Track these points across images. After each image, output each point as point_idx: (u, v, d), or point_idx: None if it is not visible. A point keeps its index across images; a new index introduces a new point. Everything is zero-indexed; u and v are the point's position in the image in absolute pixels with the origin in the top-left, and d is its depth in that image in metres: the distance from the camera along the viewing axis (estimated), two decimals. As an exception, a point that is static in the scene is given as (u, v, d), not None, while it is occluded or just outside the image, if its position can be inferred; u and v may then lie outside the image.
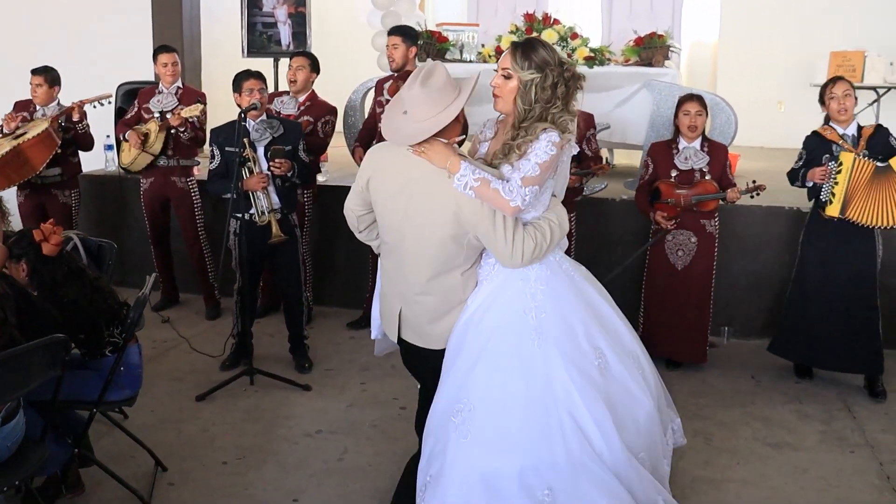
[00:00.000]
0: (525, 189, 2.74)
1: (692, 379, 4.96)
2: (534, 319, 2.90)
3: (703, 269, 4.99)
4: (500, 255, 2.85)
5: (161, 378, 4.96)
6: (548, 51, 2.82)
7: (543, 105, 2.79)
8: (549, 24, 6.30)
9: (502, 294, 2.95)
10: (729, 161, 4.98)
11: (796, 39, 9.00)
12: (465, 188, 2.75)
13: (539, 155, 2.77)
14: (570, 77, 2.82)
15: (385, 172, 2.95)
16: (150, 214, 6.09)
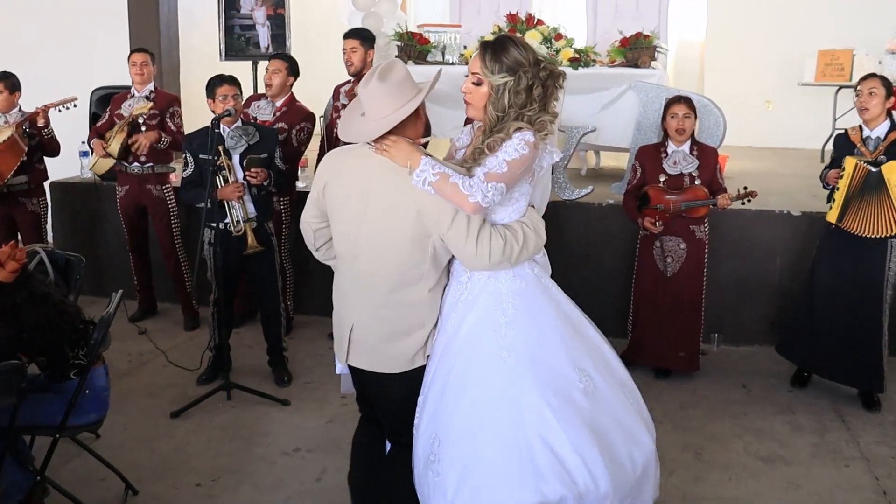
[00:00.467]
0: (487, 185, 2.51)
1: (682, 389, 4.84)
2: (503, 337, 2.65)
3: (692, 275, 4.87)
4: (463, 254, 2.62)
5: (136, 394, 4.81)
6: (520, 49, 2.59)
7: (518, 110, 2.58)
8: (532, 24, 6.17)
9: (471, 312, 2.72)
10: (720, 164, 4.85)
11: (784, 38, 8.91)
12: (424, 184, 2.54)
13: (508, 152, 2.55)
14: (548, 76, 2.60)
15: (342, 177, 2.74)
16: (127, 223, 5.95)
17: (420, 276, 2.70)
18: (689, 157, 4.78)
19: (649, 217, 4.79)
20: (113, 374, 5.04)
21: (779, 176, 7.16)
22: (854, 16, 8.60)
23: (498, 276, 2.70)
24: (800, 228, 5.35)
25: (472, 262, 2.64)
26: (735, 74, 9.02)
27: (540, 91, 2.58)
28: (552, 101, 2.64)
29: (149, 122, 5.63)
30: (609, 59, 6.29)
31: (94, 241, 6.60)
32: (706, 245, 4.89)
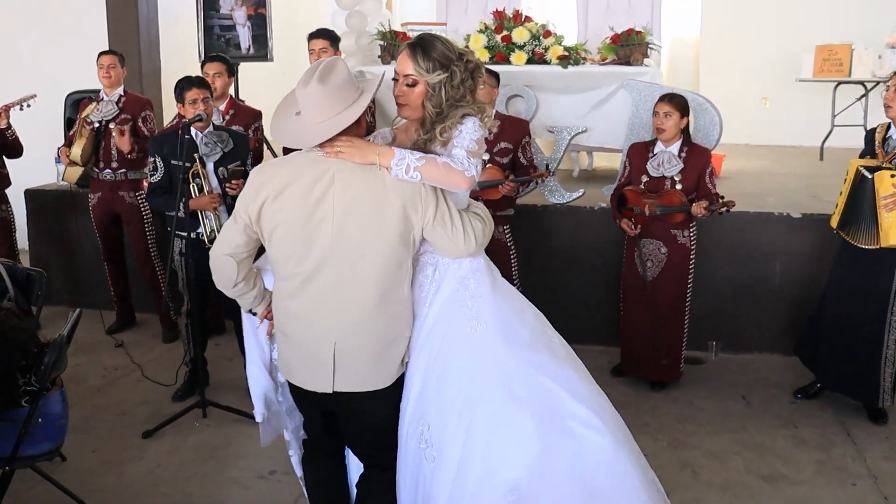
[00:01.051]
0: (473, 159, 2.52)
1: (678, 401, 4.63)
2: (471, 309, 2.63)
3: (674, 281, 4.67)
4: (451, 244, 2.57)
5: (107, 412, 4.60)
6: (446, 45, 2.58)
7: (454, 103, 2.57)
8: (520, 21, 5.96)
9: (437, 297, 2.67)
10: (711, 168, 4.64)
11: (781, 33, 8.73)
12: (408, 172, 2.44)
13: (471, 133, 2.56)
14: (474, 68, 2.62)
15: (289, 190, 2.49)
16: (101, 231, 5.75)
17: (404, 275, 2.58)
18: (675, 159, 4.56)
19: (626, 219, 4.62)
20: (85, 391, 4.91)
21: (776, 175, 6.96)
22: (853, 9, 8.42)
23: (460, 262, 2.67)
24: (800, 231, 5.15)
25: (460, 249, 2.58)
26: (730, 71, 8.86)
27: (471, 83, 2.60)
28: (477, 92, 2.66)
29: (120, 128, 5.43)
30: (600, 57, 6.09)
31: (70, 249, 6.39)
32: (691, 251, 4.67)
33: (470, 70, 2.59)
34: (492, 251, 4.77)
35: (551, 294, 5.25)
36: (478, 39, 6.02)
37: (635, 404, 4.59)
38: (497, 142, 4.68)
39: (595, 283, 5.37)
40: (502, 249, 4.79)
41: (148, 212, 5.61)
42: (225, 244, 2.65)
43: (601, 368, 5.08)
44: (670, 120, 4.53)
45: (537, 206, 5.41)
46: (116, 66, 5.48)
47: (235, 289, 2.71)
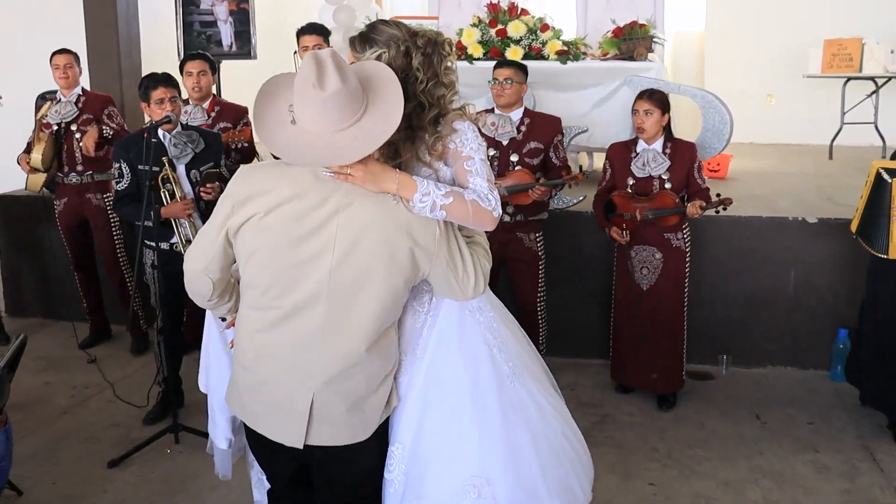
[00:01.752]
0: (496, 192, 2.18)
1: (688, 423, 4.30)
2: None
3: (671, 288, 4.38)
4: (459, 289, 2.19)
5: (73, 437, 4.28)
6: (392, 27, 2.19)
7: (404, 86, 2.10)
8: (516, 15, 5.63)
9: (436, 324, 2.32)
10: (699, 162, 4.35)
11: (787, 27, 8.43)
12: (433, 210, 2.07)
13: (478, 150, 2.20)
14: (427, 44, 2.16)
15: (283, 209, 2.08)
16: (69, 238, 5.45)
17: (396, 319, 2.24)
18: (661, 156, 4.26)
19: (616, 226, 4.32)
20: (51, 413, 4.58)
21: (786, 176, 6.64)
22: (863, 2, 8.12)
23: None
24: (816, 237, 4.82)
25: (467, 294, 2.22)
26: (736, 67, 8.57)
27: (420, 59, 2.14)
28: (443, 71, 2.19)
29: (83, 129, 5.18)
30: (601, 52, 5.76)
31: (42, 258, 6.07)
32: (686, 255, 4.38)
33: (420, 46, 2.14)
34: (521, 260, 4.56)
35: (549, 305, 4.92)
36: (471, 34, 5.68)
37: (641, 425, 4.27)
38: (527, 142, 4.41)
39: (596, 293, 5.03)
40: (532, 258, 4.56)
41: (116, 215, 5.29)
42: (199, 258, 2.25)
43: (605, 385, 4.77)
44: (651, 118, 4.25)
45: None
46: (73, 65, 5.20)
47: (209, 303, 2.35)
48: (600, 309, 4.98)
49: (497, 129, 4.44)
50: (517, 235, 4.52)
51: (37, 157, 5.07)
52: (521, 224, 4.50)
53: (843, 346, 4.69)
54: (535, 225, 4.54)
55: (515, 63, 4.59)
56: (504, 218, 4.47)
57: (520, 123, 4.45)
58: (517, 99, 4.44)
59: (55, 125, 5.17)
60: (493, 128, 4.44)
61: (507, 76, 4.40)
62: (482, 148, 2.20)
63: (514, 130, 4.42)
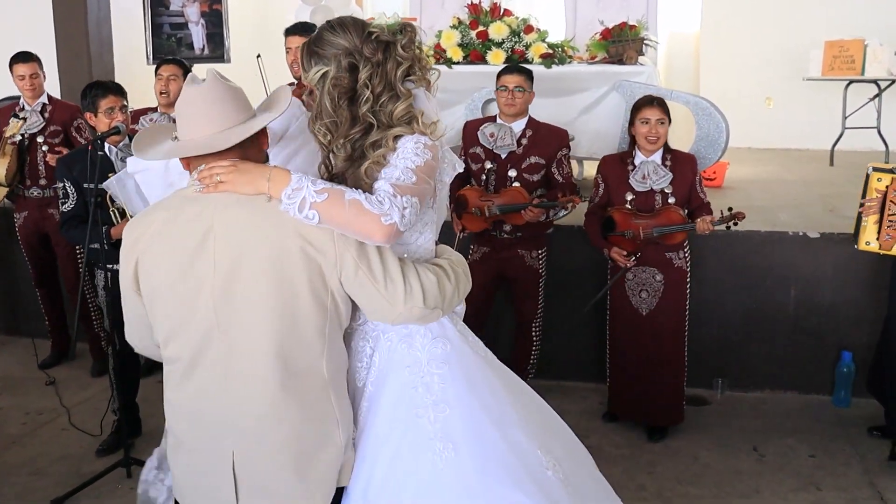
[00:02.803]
0: (401, 198, 1.78)
1: (680, 455, 3.99)
2: (433, 423, 1.89)
3: (672, 311, 4.08)
4: (385, 302, 1.84)
5: (19, 470, 3.99)
6: (336, 32, 1.90)
7: (349, 106, 1.89)
8: (498, 15, 5.33)
9: (383, 397, 1.94)
10: (700, 177, 4.08)
11: (787, 28, 8.13)
12: (304, 209, 1.74)
13: (409, 158, 1.86)
14: (377, 48, 1.89)
15: (160, 241, 1.86)
16: (30, 253, 5.18)
17: (320, 351, 1.85)
18: (661, 169, 3.97)
19: (617, 247, 4.02)
20: (1, 443, 4.26)
21: (786, 184, 6.34)
22: (866, 2, 7.80)
23: (412, 341, 1.96)
24: (818, 253, 4.52)
25: (397, 311, 1.85)
26: (733, 69, 8.27)
27: (369, 71, 1.88)
28: (398, 78, 1.92)
29: (50, 141, 4.86)
30: (589, 55, 5.46)
31: (4, 272, 5.79)
32: (688, 274, 4.10)
33: (368, 55, 1.89)
34: (521, 278, 4.22)
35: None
36: (450, 36, 5.39)
37: (629, 459, 3.97)
38: (526, 156, 4.15)
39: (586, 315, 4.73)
40: (532, 276, 4.29)
41: None
42: (133, 335, 2.04)
43: (591, 412, 4.47)
44: (664, 127, 3.97)
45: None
46: (38, 73, 4.90)
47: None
48: (588, 330, 4.69)
49: (496, 141, 4.15)
50: (518, 252, 4.26)
51: (2, 171, 4.79)
52: (522, 240, 4.24)
53: (847, 370, 4.41)
54: (539, 241, 4.28)
55: (525, 69, 4.31)
56: (503, 234, 4.23)
57: (521, 135, 4.17)
58: (525, 108, 4.17)
59: (18, 136, 4.87)
60: (491, 139, 4.15)
61: (518, 83, 4.14)
62: (419, 158, 1.86)
63: (513, 143, 4.14)
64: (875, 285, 4.35)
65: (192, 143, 1.83)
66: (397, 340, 1.96)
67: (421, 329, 1.95)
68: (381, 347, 1.97)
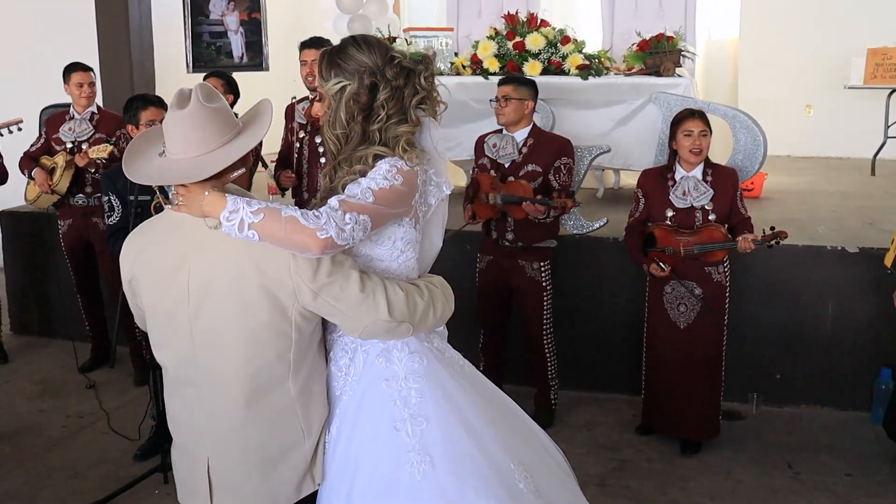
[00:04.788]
0: (344, 214, 1.85)
1: (713, 471, 3.97)
2: (410, 436, 1.97)
3: (710, 326, 4.04)
4: (349, 316, 1.93)
5: (59, 474, 4.06)
6: (364, 51, 1.97)
7: (362, 122, 1.97)
8: (535, 26, 5.32)
9: (362, 409, 2.02)
10: (741, 192, 4.03)
11: (828, 35, 8.06)
12: (242, 229, 1.82)
13: (375, 179, 1.93)
14: (398, 74, 1.98)
15: (149, 261, 2.02)
16: (73, 260, 5.25)
17: (285, 372, 1.97)
18: (702, 185, 3.94)
19: (656, 262, 3.99)
20: (41, 445, 4.35)
21: (825, 195, 6.27)
22: (909, 9, 7.68)
23: (390, 355, 2.05)
24: (857, 268, 4.46)
25: (362, 325, 1.94)
26: (772, 76, 8.24)
27: (388, 93, 1.97)
28: (413, 108, 2.01)
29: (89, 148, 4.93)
30: (626, 67, 5.43)
31: (45, 276, 5.92)
32: (727, 289, 4.06)
33: (391, 78, 1.97)
34: (523, 290, 4.21)
35: (568, 337, 4.63)
36: (487, 47, 5.39)
37: (662, 473, 3.95)
38: (524, 164, 4.14)
39: (618, 325, 4.73)
40: (535, 289, 4.26)
41: None
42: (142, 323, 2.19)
43: (625, 423, 4.46)
44: (706, 140, 3.93)
45: (553, 236, 4.77)
46: (94, 82, 5.02)
47: None
48: (623, 341, 4.68)
49: (498, 151, 4.17)
50: (519, 263, 4.24)
51: (65, 184, 4.92)
52: (523, 251, 4.22)
53: (886, 387, 4.34)
54: (541, 253, 4.24)
55: (517, 78, 4.31)
56: (505, 241, 4.22)
57: (523, 144, 4.17)
58: (519, 117, 4.16)
59: (69, 143, 4.97)
60: (494, 149, 4.18)
61: (505, 93, 4.13)
62: (386, 182, 1.93)
63: (515, 152, 4.15)
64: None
65: (172, 169, 1.91)
66: (374, 355, 2.05)
67: (398, 344, 2.04)
68: (357, 360, 2.07)
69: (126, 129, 4.93)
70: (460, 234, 4.33)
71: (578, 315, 4.75)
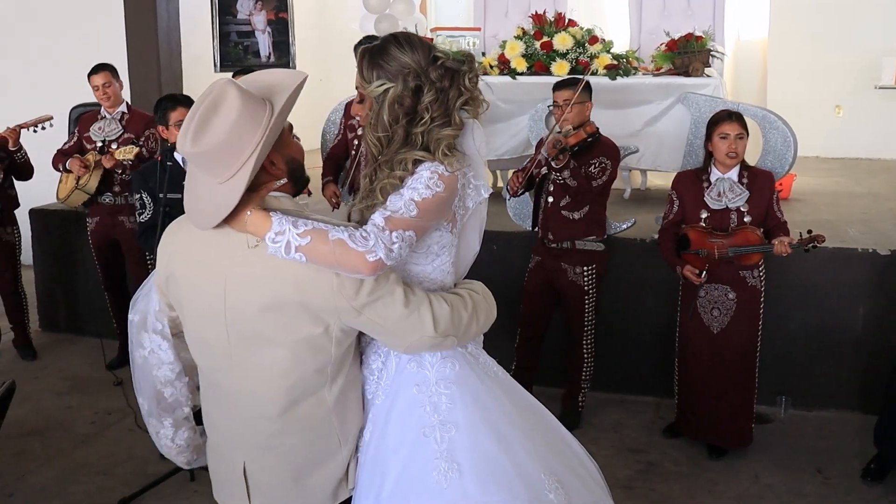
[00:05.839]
0: (390, 234, 1.79)
1: (741, 475, 3.93)
2: (440, 443, 1.92)
3: (744, 331, 3.99)
4: (394, 334, 1.88)
5: (88, 470, 4.09)
6: (407, 50, 1.90)
7: (406, 127, 1.90)
8: (562, 26, 5.30)
9: (392, 413, 1.98)
10: (777, 195, 3.97)
11: (859, 34, 7.92)
12: (289, 252, 1.76)
13: (417, 189, 1.86)
14: (444, 75, 1.90)
15: (188, 262, 1.97)
16: (100, 258, 5.31)
17: (322, 383, 1.93)
18: (738, 186, 3.89)
19: (690, 265, 3.94)
20: (70, 441, 4.39)
21: (855, 197, 6.19)
22: (942, 8, 7.56)
23: (422, 360, 1.99)
24: (889, 271, 4.40)
25: (407, 342, 1.90)
26: (801, 76, 8.10)
27: (433, 95, 1.90)
28: (457, 110, 1.93)
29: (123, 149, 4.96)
30: (654, 67, 5.39)
31: (74, 273, 5.98)
32: (762, 294, 4.00)
33: (435, 80, 1.89)
34: (566, 293, 4.19)
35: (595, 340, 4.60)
36: (514, 47, 5.37)
37: (689, 477, 3.92)
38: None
39: (645, 326, 4.70)
40: (576, 293, 4.24)
41: None
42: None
43: (651, 426, 4.43)
44: (743, 142, 3.88)
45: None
46: (112, 82, 5.02)
47: None
48: (650, 343, 4.65)
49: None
50: (561, 266, 4.23)
51: (95, 182, 4.96)
52: (566, 253, 4.21)
53: (917, 392, 4.27)
54: (585, 256, 4.21)
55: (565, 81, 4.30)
56: (551, 243, 4.22)
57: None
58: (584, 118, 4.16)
59: (99, 143, 5.02)
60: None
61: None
62: (428, 190, 1.86)
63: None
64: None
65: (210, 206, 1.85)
66: (406, 359, 2.00)
67: None
68: (389, 364, 2.02)
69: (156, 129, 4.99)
70: (487, 235, 4.30)
71: (605, 316, 4.72)
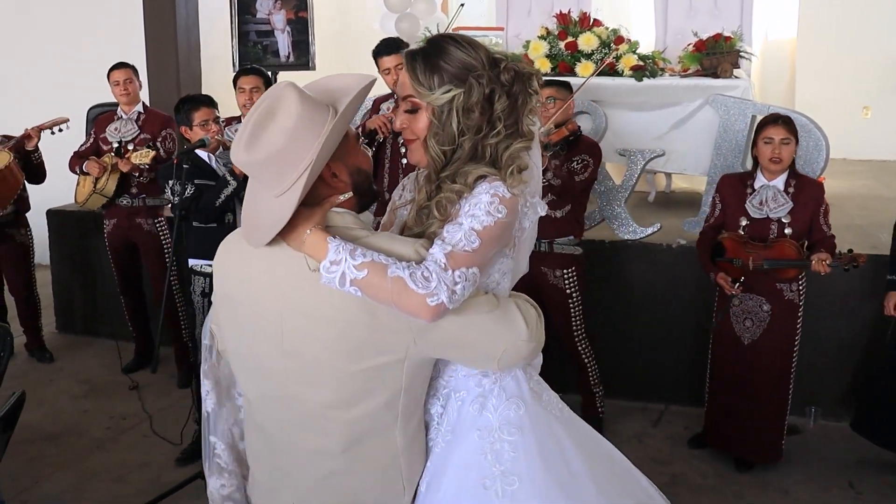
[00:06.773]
0: (453, 273, 1.61)
1: (769, 489, 3.83)
2: (499, 497, 1.73)
3: (778, 345, 3.87)
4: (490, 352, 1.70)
5: (102, 477, 4.03)
6: (465, 48, 1.69)
7: (473, 137, 1.69)
8: (587, 26, 5.20)
9: (450, 462, 1.79)
10: (825, 208, 3.81)
11: (888, 35, 7.81)
12: (344, 284, 1.59)
13: (477, 216, 1.66)
14: (514, 78, 1.70)
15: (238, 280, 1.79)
16: (117, 260, 5.24)
17: (392, 422, 1.73)
18: (782, 196, 3.76)
19: (723, 273, 3.83)
20: (85, 446, 4.34)
21: (885, 201, 6.06)
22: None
23: (486, 402, 1.79)
24: (922, 279, 4.26)
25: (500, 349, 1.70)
26: (830, 77, 8.03)
27: (505, 103, 1.69)
28: (525, 117, 1.73)
29: (139, 148, 4.91)
30: (681, 68, 5.28)
31: (90, 274, 5.94)
32: (799, 308, 3.87)
33: (505, 82, 1.69)
34: (548, 297, 4.03)
35: (620, 348, 4.51)
36: (538, 47, 5.28)
37: (716, 490, 3.82)
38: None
39: (672, 335, 4.59)
40: (559, 297, 4.09)
41: (168, 241, 5.06)
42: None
43: (676, 436, 4.33)
44: (788, 148, 3.74)
45: (605, 242, 4.65)
46: (133, 80, 4.98)
47: None
48: (676, 351, 4.54)
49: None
50: (542, 269, 4.07)
51: (112, 185, 4.90)
52: (546, 256, 4.05)
53: (952, 404, 4.14)
54: (564, 260, 4.08)
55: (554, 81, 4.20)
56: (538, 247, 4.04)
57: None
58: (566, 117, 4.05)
59: (115, 143, 4.97)
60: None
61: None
62: (490, 218, 1.66)
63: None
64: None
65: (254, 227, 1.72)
66: (469, 402, 1.81)
67: (495, 389, 1.80)
68: (450, 408, 1.84)
69: (173, 129, 4.92)
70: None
71: (628, 323, 4.63)
